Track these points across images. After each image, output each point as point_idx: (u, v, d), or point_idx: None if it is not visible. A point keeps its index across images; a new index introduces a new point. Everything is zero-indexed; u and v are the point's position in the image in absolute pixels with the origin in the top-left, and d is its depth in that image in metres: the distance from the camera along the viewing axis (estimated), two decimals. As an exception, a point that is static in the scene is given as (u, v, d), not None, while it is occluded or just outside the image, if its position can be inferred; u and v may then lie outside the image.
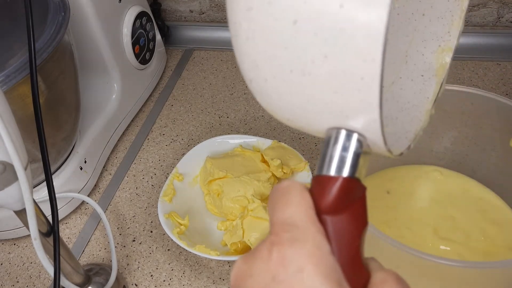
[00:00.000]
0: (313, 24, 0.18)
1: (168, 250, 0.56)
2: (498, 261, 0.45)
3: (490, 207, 0.52)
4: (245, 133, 0.69)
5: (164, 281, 0.53)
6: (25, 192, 0.33)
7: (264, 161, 0.58)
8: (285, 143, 0.60)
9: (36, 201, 0.37)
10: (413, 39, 0.27)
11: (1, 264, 0.58)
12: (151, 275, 0.54)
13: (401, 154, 0.22)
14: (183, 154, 0.61)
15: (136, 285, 0.53)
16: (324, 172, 0.20)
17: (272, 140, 0.60)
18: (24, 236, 0.60)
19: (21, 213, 0.36)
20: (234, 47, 0.21)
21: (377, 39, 0.17)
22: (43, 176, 0.53)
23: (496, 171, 0.52)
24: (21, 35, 0.43)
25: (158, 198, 0.56)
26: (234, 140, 0.62)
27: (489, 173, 0.53)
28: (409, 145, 0.23)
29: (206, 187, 0.57)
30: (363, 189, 0.20)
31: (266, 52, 0.20)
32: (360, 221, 0.20)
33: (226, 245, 0.52)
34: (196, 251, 0.50)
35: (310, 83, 0.19)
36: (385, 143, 0.19)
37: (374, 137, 0.19)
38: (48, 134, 0.40)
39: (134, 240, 0.58)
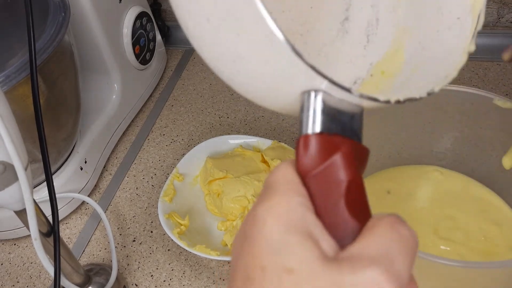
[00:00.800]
0: None
1: (168, 250, 0.56)
2: (498, 261, 0.45)
3: (490, 207, 0.52)
4: (245, 133, 0.69)
5: (164, 281, 0.53)
6: (25, 192, 0.33)
7: (264, 161, 0.58)
8: (285, 143, 0.60)
9: (36, 201, 0.37)
10: None
11: (2, 264, 0.58)
12: (151, 275, 0.54)
13: (413, 99, 0.22)
14: (183, 154, 0.61)
15: (136, 285, 0.53)
16: (300, 134, 0.21)
17: (272, 140, 0.60)
18: (24, 236, 0.60)
19: (21, 213, 0.36)
20: (208, 63, 0.23)
21: None
22: (43, 176, 0.53)
23: (496, 171, 0.52)
24: (21, 35, 0.43)
25: (158, 198, 0.56)
26: (234, 140, 0.62)
27: (489, 173, 0.53)
28: (432, 89, 0.23)
29: (206, 187, 0.58)
30: (344, 143, 0.20)
31: (214, 54, 0.22)
32: (340, 173, 0.20)
33: (226, 245, 0.52)
34: (196, 251, 0.50)
35: (248, 64, 0.20)
36: (348, 90, 0.19)
37: (328, 88, 0.20)
38: (48, 134, 0.40)
39: (134, 240, 0.58)
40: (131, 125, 0.74)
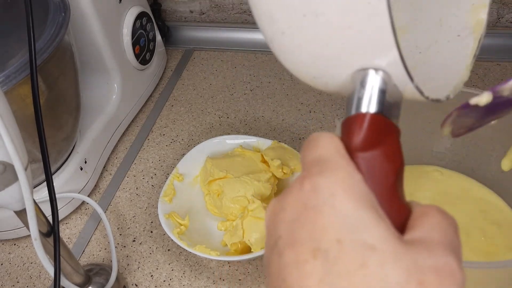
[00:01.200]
0: None
1: (168, 250, 0.56)
2: (498, 261, 0.45)
3: (490, 207, 0.52)
4: (245, 133, 0.69)
5: (164, 281, 0.53)
6: (25, 192, 0.33)
7: (264, 161, 0.58)
8: (285, 143, 0.60)
9: (36, 201, 0.37)
10: (445, 3, 0.27)
11: (1, 264, 0.58)
12: (151, 275, 0.54)
13: (438, 100, 0.22)
14: (183, 154, 0.61)
15: (136, 285, 0.53)
16: (352, 113, 0.20)
17: (272, 140, 0.60)
18: (24, 236, 0.60)
19: (21, 213, 0.36)
20: (253, 13, 0.22)
21: None
22: (43, 176, 0.53)
23: (496, 171, 0.52)
24: (21, 35, 0.43)
25: (158, 198, 0.56)
26: (234, 141, 0.62)
27: (489, 173, 0.53)
28: (448, 95, 0.23)
29: (206, 187, 0.57)
30: (395, 129, 0.20)
31: (279, 2, 0.20)
32: (392, 159, 0.19)
33: (226, 245, 0.52)
34: (196, 251, 0.50)
35: (323, 23, 0.19)
36: (411, 79, 0.19)
37: (396, 70, 0.19)
38: (48, 134, 0.40)
39: (134, 240, 0.58)
40: (131, 125, 0.74)
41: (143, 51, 0.73)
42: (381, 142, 0.19)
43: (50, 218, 0.39)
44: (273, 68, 0.81)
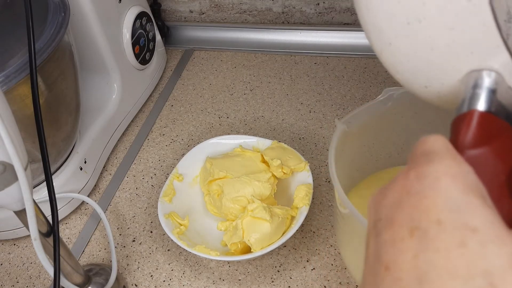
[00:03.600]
0: None
1: (168, 250, 0.56)
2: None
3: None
4: (245, 133, 0.69)
5: (164, 281, 0.53)
6: (25, 193, 0.33)
7: (264, 161, 0.58)
8: (285, 143, 0.60)
9: (36, 201, 0.37)
10: None
11: (1, 264, 0.58)
12: (151, 276, 0.54)
13: None
14: (183, 154, 0.61)
15: (136, 285, 0.53)
16: (461, 111, 0.20)
17: (272, 140, 0.60)
18: (24, 236, 0.60)
19: (21, 213, 0.36)
20: (363, 28, 0.23)
21: None
22: (43, 176, 0.53)
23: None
24: (21, 35, 0.43)
25: (158, 198, 0.56)
26: (234, 141, 0.62)
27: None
28: None
29: (206, 187, 0.57)
30: (508, 129, 0.20)
31: (383, 13, 0.21)
32: (503, 158, 0.19)
33: (226, 245, 0.52)
34: (196, 251, 0.50)
35: (427, 27, 0.20)
36: None
37: (507, 70, 0.19)
38: (48, 134, 0.40)
39: (134, 241, 0.58)
40: (131, 125, 0.74)
41: (143, 51, 0.73)
42: (491, 140, 0.19)
43: (50, 218, 0.39)
44: (273, 68, 0.81)
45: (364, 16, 0.23)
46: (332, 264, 0.52)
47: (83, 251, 0.58)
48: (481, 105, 0.20)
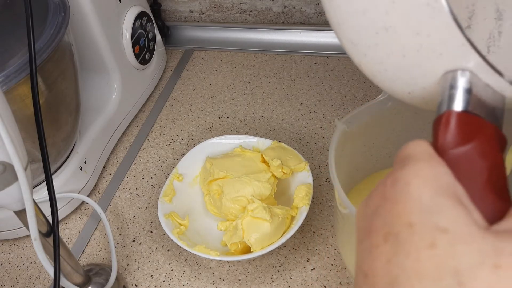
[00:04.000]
0: None
1: (168, 250, 0.56)
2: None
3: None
4: (245, 133, 0.69)
5: (164, 281, 0.53)
6: (25, 193, 0.33)
7: (264, 161, 0.58)
8: (285, 143, 0.60)
9: (36, 201, 0.37)
10: None
11: (1, 264, 0.58)
12: (151, 276, 0.54)
13: None
14: (183, 154, 0.61)
15: (136, 285, 0.53)
16: (439, 113, 0.20)
17: (272, 141, 0.60)
18: (24, 236, 0.60)
19: (21, 213, 0.36)
20: (340, 42, 0.24)
21: None
22: (43, 176, 0.53)
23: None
24: (21, 35, 0.43)
25: (158, 198, 0.56)
26: (234, 140, 0.62)
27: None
28: None
29: (206, 187, 0.57)
30: (488, 127, 0.20)
31: (353, 27, 0.22)
32: (484, 156, 0.19)
33: (226, 245, 0.52)
34: (196, 251, 0.50)
35: (394, 35, 0.20)
36: (499, 73, 0.19)
37: (478, 67, 0.19)
38: (48, 134, 0.40)
39: (134, 241, 0.58)
40: (131, 125, 0.74)
41: (143, 51, 0.73)
42: (470, 139, 0.19)
43: (49, 218, 0.39)
44: (273, 68, 0.81)
45: (338, 32, 0.24)
46: (332, 264, 0.52)
47: (83, 251, 0.58)
48: (457, 105, 0.20)
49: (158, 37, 0.79)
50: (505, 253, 0.15)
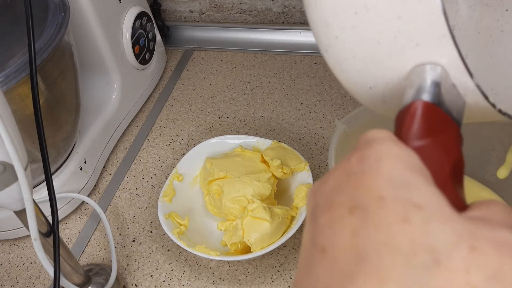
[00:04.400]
0: None
1: (168, 250, 0.56)
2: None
3: (490, 207, 0.52)
4: (245, 133, 0.69)
5: (164, 281, 0.53)
6: (25, 192, 0.33)
7: (264, 161, 0.58)
8: (285, 143, 0.60)
9: (36, 201, 0.37)
10: None
11: (1, 264, 0.58)
12: (151, 276, 0.54)
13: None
14: (183, 154, 0.61)
15: (136, 285, 0.53)
16: (405, 104, 0.20)
17: (272, 140, 0.60)
18: (24, 236, 0.60)
19: (21, 213, 0.36)
20: (310, 24, 0.23)
21: None
22: (43, 176, 0.53)
23: (496, 171, 0.52)
24: (21, 35, 0.43)
25: (158, 198, 0.56)
26: (234, 140, 0.62)
27: (489, 173, 0.53)
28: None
29: (206, 187, 0.57)
30: (452, 124, 0.20)
31: (331, 4, 0.21)
32: (446, 150, 0.19)
33: (226, 245, 0.52)
34: (196, 251, 0.50)
35: (374, 17, 0.20)
36: (470, 74, 0.19)
37: (452, 63, 0.19)
38: (48, 134, 0.40)
39: (134, 241, 0.58)
40: (131, 125, 0.74)
41: (142, 51, 0.73)
42: (435, 132, 0.19)
43: (49, 218, 0.39)
44: (273, 68, 0.81)
45: (312, 11, 0.23)
46: (332, 264, 0.52)
47: (83, 251, 0.58)
48: (425, 96, 0.20)
49: (158, 37, 0.79)
50: (480, 238, 0.15)
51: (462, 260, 0.14)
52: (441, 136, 0.19)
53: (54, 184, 0.39)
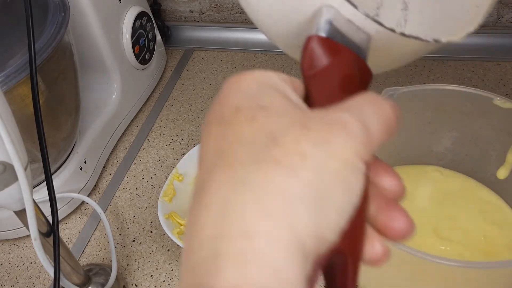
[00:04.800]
0: None
1: (168, 250, 0.56)
2: (498, 261, 0.45)
3: (490, 207, 0.52)
4: (245, 133, 0.69)
5: (164, 281, 0.53)
6: (25, 193, 0.33)
7: (264, 161, 0.58)
8: (285, 143, 0.60)
9: (36, 201, 0.37)
10: None
11: (1, 264, 0.58)
12: (151, 275, 0.54)
13: (418, 38, 0.22)
14: (183, 154, 0.61)
15: (136, 285, 0.53)
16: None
17: (272, 140, 0.60)
18: (24, 236, 0.60)
19: (21, 213, 0.36)
20: None
21: None
22: (43, 176, 0.53)
23: (496, 171, 0.52)
24: (21, 35, 0.43)
25: (158, 198, 0.56)
26: (234, 140, 0.62)
27: (489, 173, 0.53)
28: (438, 38, 0.23)
29: (206, 187, 0.57)
30: (349, 53, 0.22)
31: None
32: (339, 73, 0.21)
33: (226, 245, 0.52)
34: (196, 251, 0.50)
35: None
36: (354, 6, 0.21)
37: (341, 4, 0.21)
38: (48, 134, 0.40)
39: (134, 240, 0.58)
40: (131, 125, 0.74)
41: (143, 51, 0.73)
42: (330, 60, 0.21)
43: (49, 218, 0.39)
44: (273, 68, 0.81)
45: None
46: (332, 264, 0.52)
47: (83, 251, 0.58)
48: (320, 33, 0.22)
49: (158, 37, 0.79)
50: (312, 119, 0.18)
51: (294, 135, 0.17)
52: (332, 61, 0.21)
53: (54, 184, 0.39)
